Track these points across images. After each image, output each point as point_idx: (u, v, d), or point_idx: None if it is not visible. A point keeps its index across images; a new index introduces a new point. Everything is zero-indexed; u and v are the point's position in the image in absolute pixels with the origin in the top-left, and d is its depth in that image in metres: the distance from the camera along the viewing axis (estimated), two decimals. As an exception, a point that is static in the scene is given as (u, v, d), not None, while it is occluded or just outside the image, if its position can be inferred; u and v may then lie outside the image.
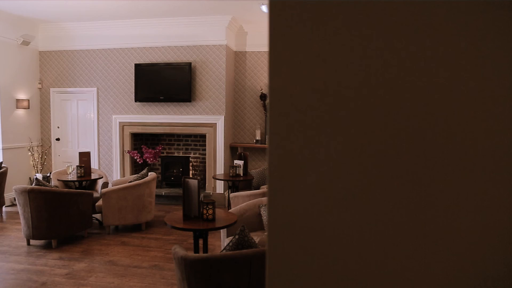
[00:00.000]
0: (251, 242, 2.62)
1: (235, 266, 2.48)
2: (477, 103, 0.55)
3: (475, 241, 0.57)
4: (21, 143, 7.53)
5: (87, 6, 6.48)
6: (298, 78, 0.60)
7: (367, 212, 0.60)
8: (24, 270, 4.28)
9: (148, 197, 5.58)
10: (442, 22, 0.55)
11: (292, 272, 0.63)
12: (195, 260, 2.45)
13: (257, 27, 7.55)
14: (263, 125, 7.68)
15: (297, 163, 0.61)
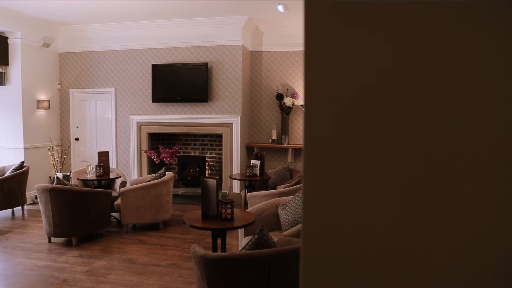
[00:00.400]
0: (270, 241, 2.63)
1: (255, 265, 2.49)
2: (501, 102, 0.55)
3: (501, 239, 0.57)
4: (42, 142, 7.68)
5: (105, 8, 6.58)
6: (334, 78, 0.61)
7: (402, 212, 0.60)
8: (46, 267, 4.37)
9: (165, 196, 5.64)
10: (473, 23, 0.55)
11: (326, 272, 0.64)
12: (215, 259, 2.46)
13: (273, 27, 7.55)
14: (279, 125, 7.68)
15: (333, 164, 0.62)
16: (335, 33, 0.61)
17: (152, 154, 7.41)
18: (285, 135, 7.54)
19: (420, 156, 0.58)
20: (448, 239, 0.58)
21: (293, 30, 7.48)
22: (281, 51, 7.69)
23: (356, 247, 0.62)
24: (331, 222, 0.62)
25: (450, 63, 0.56)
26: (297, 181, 5.26)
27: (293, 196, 4.25)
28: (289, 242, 3.09)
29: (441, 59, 0.57)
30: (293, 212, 3.97)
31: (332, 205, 0.62)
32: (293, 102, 7.42)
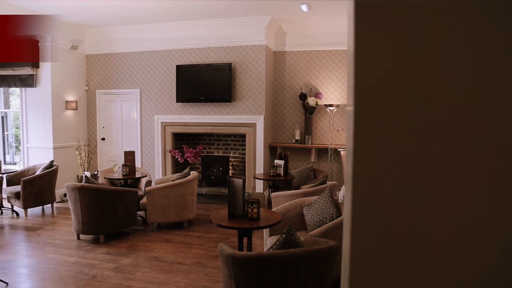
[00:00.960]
0: (298, 241, 2.63)
1: (283, 265, 2.50)
2: None
3: None
4: (70, 142, 7.88)
5: (130, 11, 6.69)
6: (385, 79, 0.61)
7: (452, 213, 0.60)
8: (76, 263, 4.49)
9: (190, 195, 5.70)
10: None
11: (374, 271, 0.64)
12: (243, 258, 2.48)
13: (296, 27, 7.54)
14: (302, 125, 7.66)
15: (382, 164, 0.62)
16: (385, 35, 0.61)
17: (176, 154, 7.50)
18: (309, 135, 7.51)
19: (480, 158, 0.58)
20: (499, 236, 0.58)
21: (316, 29, 7.45)
22: (304, 50, 7.67)
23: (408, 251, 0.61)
24: (381, 226, 0.62)
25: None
26: (322, 181, 5.24)
27: (318, 196, 4.23)
28: (316, 242, 3.08)
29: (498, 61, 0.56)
30: (318, 212, 3.95)
31: (383, 207, 0.62)
32: (317, 101, 7.38)
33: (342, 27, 7.12)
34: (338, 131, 7.47)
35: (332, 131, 7.43)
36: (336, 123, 7.50)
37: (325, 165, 7.59)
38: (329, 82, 7.57)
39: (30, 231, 5.74)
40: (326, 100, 7.51)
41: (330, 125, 7.46)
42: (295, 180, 6.31)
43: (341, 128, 7.44)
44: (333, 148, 7.25)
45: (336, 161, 7.52)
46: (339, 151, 7.14)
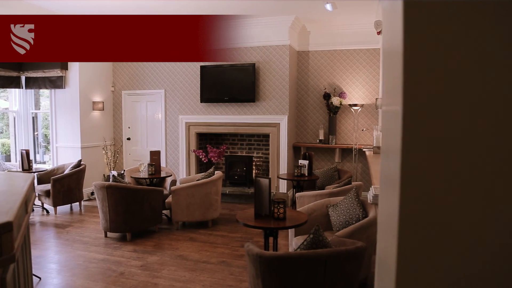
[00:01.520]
0: (326, 242, 2.62)
1: (310, 265, 2.49)
2: None
3: None
4: (96, 142, 8.05)
5: (154, 12, 6.79)
6: (437, 78, 0.60)
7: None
8: (104, 260, 4.58)
9: (214, 195, 5.74)
10: None
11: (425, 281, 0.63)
12: (271, 258, 2.49)
13: (320, 26, 7.49)
14: (326, 125, 7.61)
15: (436, 165, 0.61)
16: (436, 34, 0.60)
17: (200, 154, 7.57)
18: (333, 135, 7.46)
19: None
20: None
21: (340, 28, 7.39)
22: (328, 50, 7.62)
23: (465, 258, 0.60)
24: (438, 230, 0.61)
25: None
26: (346, 182, 5.19)
27: (343, 197, 4.20)
28: (343, 243, 3.06)
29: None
30: (344, 213, 3.92)
31: (438, 210, 0.61)
32: (341, 101, 7.32)
33: (367, 25, 7.03)
34: (363, 131, 7.39)
35: (357, 131, 7.36)
36: (361, 123, 7.42)
37: (349, 165, 7.52)
38: (353, 81, 7.50)
39: (60, 228, 5.90)
40: (351, 100, 7.44)
41: (354, 125, 7.38)
42: (319, 180, 6.28)
43: (366, 128, 7.35)
44: (358, 148, 7.18)
45: (360, 161, 7.44)
46: (364, 151, 7.05)
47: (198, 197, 5.62)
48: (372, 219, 3.48)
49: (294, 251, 2.58)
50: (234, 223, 6.06)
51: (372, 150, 5.66)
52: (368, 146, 6.56)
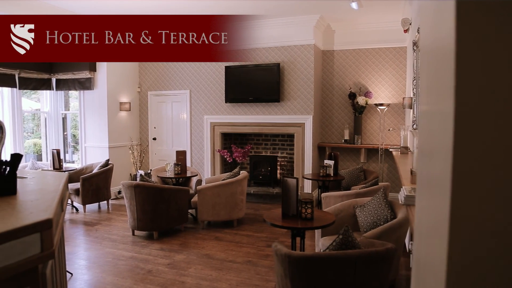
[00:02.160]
0: (355, 242, 2.59)
1: (340, 266, 2.47)
2: None
3: None
4: (123, 142, 8.21)
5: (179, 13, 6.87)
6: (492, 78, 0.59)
7: None
8: (132, 258, 4.67)
9: (240, 195, 5.77)
10: None
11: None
12: (300, 258, 2.48)
13: (345, 25, 7.42)
14: (351, 125, 7.54)
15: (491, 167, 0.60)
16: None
17: (225, 154, 7.62)
18: (358, 135, 7.38)
19: None
20: None
21: (366, 27, 7.30)
22: (354, 49, 7.54)
23: None
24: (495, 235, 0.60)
25: None
26: (373, 182, 5.12)
27: (371, 197, 4.14)
28: (372, 244, 3.02)
29: None
30: (372, 214, 3.87)
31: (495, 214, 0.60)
32: (367, 101, 7.24)
33: (393, 23, 6.93)
34: (389, 131, 7.28)
35: (383, 131, 7.25)
36: (387, 123, 7.31)
37: (375, 165, 7.42)
38: (379, 80, 7.39)
39: (89, 226, 6.05)
40: (377, 99, 7.34)
41: (380, 125, 7.28)
42: (345, 180, 6.22)
43: (392, 128, 7.24)
44: (384, 148, 7.07)
45: (386, 161, 7.33)
46: (390, 151, 6.94)
47: (224, 197, 5.65)
48: (401, 221, 3.43)
49: (323, 252, 2.57)
50: (259, 223, 6.07)
51: (399, 150, 5.57)
52: (395, 146, 6.46)
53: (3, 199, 1.95)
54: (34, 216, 1.61)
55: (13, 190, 2.07)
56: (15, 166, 2.09)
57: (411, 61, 6.14)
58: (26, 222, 1.52)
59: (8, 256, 1.44)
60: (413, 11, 5.32)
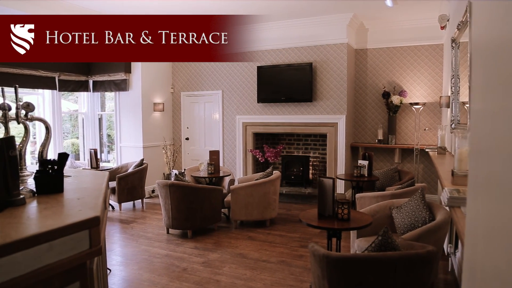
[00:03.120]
0: (395, 244, 2.54)
1: (380, 268, 2.43)
2: None
3: None
4: (157, 142, 8.37)
5: (212, 13, 6.92)
6: None
7: None
8: (167, 256, 4.75)
9: (273, 194, 5.77)
10: None
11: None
12: (338, 259, 2.45)
13: (378, 23, 7.29)
14: (385, 124, 7.39)
15: None
16: None
17: (257, 154, 7.64)
18: (392, 134, 7.23)
19: None
20: None
21: (400, 24, 7.15)
22: (388, 47, 7.40)
23: None
24: None
25: None
26: (409, 183, 5.01)
27: (408, 198, 4.05)
28: (411, 246, 2.96)
29: None
30: (409, 215, 3.78)
31: None
32: (401, 100, 7.08)
33: (429, 20, 6.75)
34: (425, 131, 7.09)
35: (418, 130, 7.07)
36: (423, 122, 7.12)
37: (409, 166, 7.25)
38: (414, 79, 7.22)
39: (125, 224, 6.20)
40: (411, 98, 7.17)
41: (415, 125, 7.10)
42: (379, 181, 6.11)
43: (428, 127, 7.05)
44: (419, 148, 6.90)
45: (421, 162, 7.14)
46: (426, 151, 6.76)
47: (257, 197, 5.67)
48: (440, 223, 3.33)
49: (362, 253, 2.53)
50: (292, 223, 6.05)
51: (436, 150, 5.41)
52: (431, 146, 6.29)
53: (52, 196, 2.03)
54: (83, 214, 1.67)
55: (60, 188, 2.15)
56: (62, 165, 2.16)
57: (448, 59, 5.96)
58: (76, 219, 1.57)
59: (60, 251, 1.49)
60: (451, 7, 5.16)
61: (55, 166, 2.14)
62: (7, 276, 1.29)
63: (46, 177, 2.11)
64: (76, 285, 1.62)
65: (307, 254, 4.72)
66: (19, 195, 1.85)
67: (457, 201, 2.08)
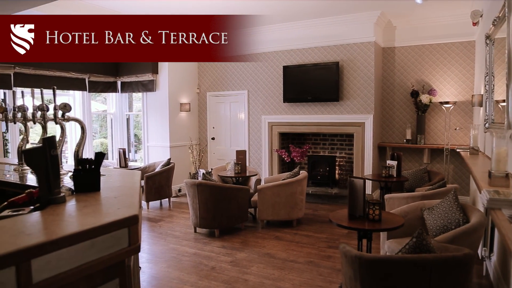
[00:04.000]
0: (430, 246, 2.49)
1: (414, 270, 2.38)
2: None
3: None
4: (183, 141, 8.46)
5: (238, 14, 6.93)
6: None
7: None
8: (195, 254, 4.80)
9: (299, 194, 5.75)
10: None
11: None
12: (372, 260, 2.42)
13: (407, 21, 7.15)
14: (414, 124, 7.25)
15: None
16: None
17: (283, 153, 7.62)
18: (421, 134, 7.08)
19: None
20: None
21: (429, 22, 7.00)
22: (416, 45, 7.25)
23: None
24: None
25: None
26: (440, 184, 4.89)
27: (440, 200, 3.96)
28: (445, 249, 2.89)
29: None
30: (441, 217, 3.70)
31: None
32: (431, 99, 6.93)
33: (459, 17, 6.59)
34: (456, 130, 6.91)
35: (448, 130, 6.91)
36: (453, 122, 6.95)
37: (439, 166, 7.09)
38: (444, 77, 7.05)
39: (153, 222, 6.29)
40: (441, 97, 7.01)
41: (445, 124, 6.93)
42: (408, 182, 6.00)
43: (459, 127, 6.87)
44: (450, 148, 6.73)
45: (452, 162, 6.97)
46: (457, 151, 6.60)
47: (284, 196, 5.66)
48: (476, 225, 3.24)
49: (396, 254, 2.49)
50: (319, 223, 6.01)
51: (469, 151, 5.27)
52: (463, 147, 6.12)
53: (90, 195, 2.07)
54: (122, 212, 1.70)
55: (97, 187, 2.19)
56: (99, 164, 2.21)
57: (481, 56, 5.79)
58: (116, 218, 1.61)
59: (101, 249, 1.53)
60: (485, 3, 5.01)
61: (92, 165, 2.19)
62: (53, 272, 1.33)
63: (84, 176, 2.16)
64: (115, 282, 1.65)
65: (335, 255, 4.68)
66: (60, 193, 1.90)
67: (498, 203, 2.02)
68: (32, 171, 2.90)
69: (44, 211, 1.72)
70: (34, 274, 1.26)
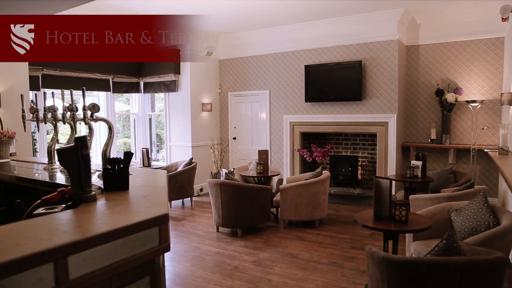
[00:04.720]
0: (460, 249, 2.43)
1: (444, 273, 2.33)
2: None
3: None
4: (205, 141, 8.51)
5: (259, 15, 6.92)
6: None
7: None
8: (218, 253, 4.82)
9: (322, 195, 5.70)
10: None
11: None
12: (400, 262, 2.38)
13: (431, 18, 7.01)
14: (438, 123, 7.10)
15: None
16: None
17: (305, 153, 7.58)
18: (446, 134, 6.93)
19: None
20: None
21: (454, 18, 6.84)
22: (441, 42, 7.10)
23: None
24: None
25: None
26: (468, 185, 4.77)
27: (468, 201, 3.86)
28: (475, 252, 2.81)
29: None
30: (470, 219, 3.61)
31: None
32: (456, 98, 6.77)
33: (486, 13, 6.43)
34: (483, 130, 6.74)
35: (475, 129, 6.74)
36: (480, 121, 6.78)
37: (465, 167, 6.92)
38: (470, 75, 6.89)
39: (176, 221, 6.35)
40: (468, 96, 6.85)
41: (472, 123, 6.77)
42: (433, 182, 5.88)
43: (486, 126, 6.70)
44: (477, 148, 6.57)
45: (479, 163, 6.80)
46: (485, 151, 6.44)
47: (306, 197, 5.63)
48: (507, 227, 3.15)
49: (425, 257, 2.44)
50: (341, 223, 5.96)
51: (498, 151, 5.13)
52: (491, 146, 5.97)
53: (119, 194, 2.10)
54: (153, 211, 1.72)
55: (126, 186, 2.22)
56: (128, 163, 2.24)
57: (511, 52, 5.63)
58: (148, 216, 1.62)
59: (133, 247, 1.55)
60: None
61: (121, 165, 2.22)
62: (88, 269, 1.35)
63: (113, 175, 2.19)
64: (146, 280, 1.67)
65: (358, 256, 4.63)
66: (91, 192, 1.93)
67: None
68: (61, 169, 2.96)
69: (77, 209, 1.75)
70: (70, 271, 1.28)
